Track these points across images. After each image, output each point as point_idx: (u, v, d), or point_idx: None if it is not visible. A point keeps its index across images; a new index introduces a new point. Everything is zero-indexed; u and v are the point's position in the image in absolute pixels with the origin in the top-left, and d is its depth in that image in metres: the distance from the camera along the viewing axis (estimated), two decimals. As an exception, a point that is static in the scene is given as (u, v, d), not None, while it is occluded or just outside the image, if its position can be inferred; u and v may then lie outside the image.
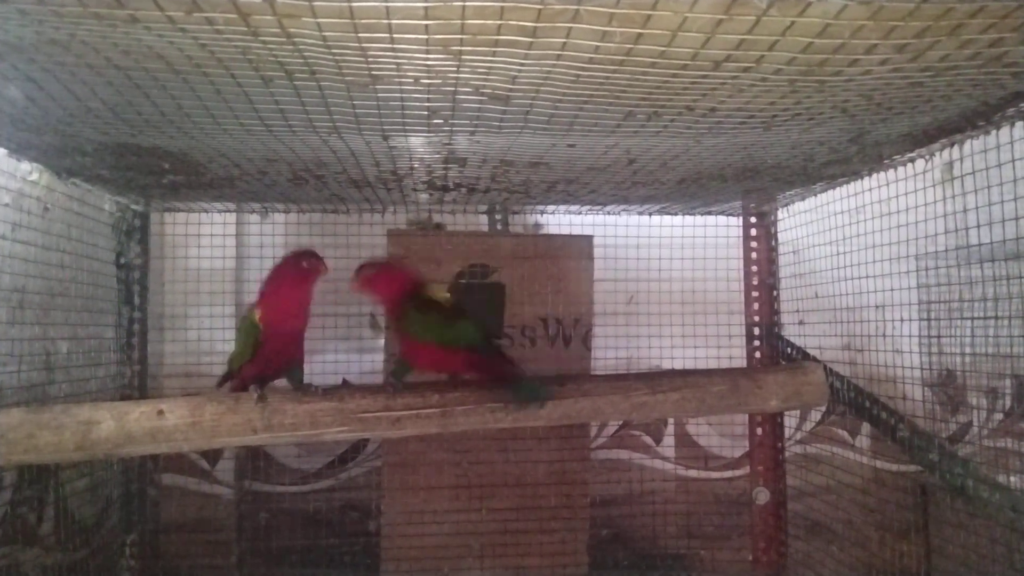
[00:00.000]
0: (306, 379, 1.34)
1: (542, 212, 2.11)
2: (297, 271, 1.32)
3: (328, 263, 1.34)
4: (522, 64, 0.92)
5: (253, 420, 1.29)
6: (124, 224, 1.89)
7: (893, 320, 1.68)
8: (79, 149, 1.33)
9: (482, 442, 1.94)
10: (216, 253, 2.01)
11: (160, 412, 1.28)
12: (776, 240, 2.11)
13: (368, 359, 2.02)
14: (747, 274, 2.13)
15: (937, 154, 1.43)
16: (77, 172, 1.55)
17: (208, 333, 1.98)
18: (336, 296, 1.87)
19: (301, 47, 0.87)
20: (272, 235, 2.00)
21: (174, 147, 1.32)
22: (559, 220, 2.12)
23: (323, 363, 2.03)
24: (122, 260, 1.89)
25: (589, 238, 2.05)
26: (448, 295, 1.44)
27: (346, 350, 2.04)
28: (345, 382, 2.03)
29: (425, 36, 0.84)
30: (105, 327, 1.83)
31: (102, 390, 1.77)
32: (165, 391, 1.97)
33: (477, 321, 1.37)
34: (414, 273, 1.43)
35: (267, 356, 1.31)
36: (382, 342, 1.99)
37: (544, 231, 2.17)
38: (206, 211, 1.98)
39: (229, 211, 2.00)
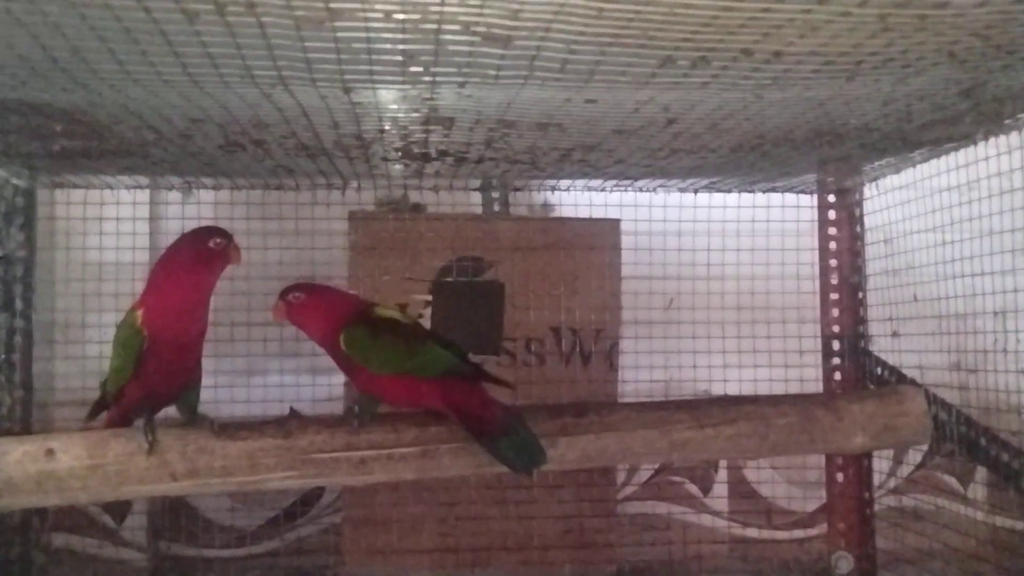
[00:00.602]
0: (218, 409, 1.36)
1: (553, 189, 2.12)
2: (198, 255, 1.32)
3: (242, 250, 1.35)
4: (527, -6, 0.92)
5: (172, 462, 1.29)
6: (2, 204, 1.90)
7: (1017, 331, 1.68)
8: (-58, 106, 1.34)
9: (474, 491, 1.95)
10: (124, 243, 2.01)
11: (49, 452, 1.28)
12: (862, 225, 2.11)
13: (323, 382, 2.03)
14: (824, 270, 2.12)
15: (1076, 112, 1.43)
16: (-60, 136, 1.55)
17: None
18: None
19: (235, -29, 0.87)
20: (197, 218, 1.99)
21: (69, 103, 1.32)
22: (576, 199, 2.12)
23: (264, 387, 2.04)
24: (0, 251, 1.90)
25: (615, 223, 2.06)
26: (403, 312, 1.48)
27: (294, 370, 2.05)
28: (293, 412, 2.03)
29: (399, -43, 0.84)
30: (-23, 340, 1.84)
31: (-27, 423, 1.78)
32: (57, 424, 1.98)
33: (451, 341, 1.41)
34: (353, 296, 1.49)
35: (154, 374, 1.31)
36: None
37: (556, 214, 2.18)
38: (111, 187, 1.99)
39: (141, 187, 2.00)
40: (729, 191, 2.11)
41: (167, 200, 2.06)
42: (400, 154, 1.69)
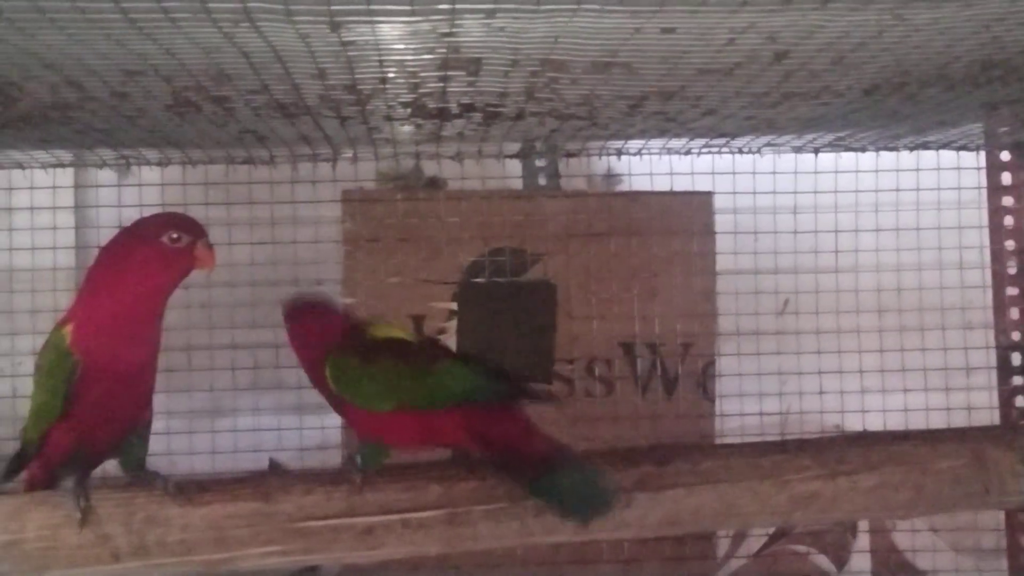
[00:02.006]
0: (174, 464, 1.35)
1: (619, 153, 2.10)
2: (152, 252, 1.33)
3: (218, 250, 1.36)
4: None
5: (113, 537, 1.29)
6: None
7: None
8: None
9: (521, 570, 1.95)
10: (42, 239, 2.03)
11: (-53, 525, 1.30)
12: (1051, 193, 2.10)
13: (313, 424, 2.04)
14: (997, 255, 2.11)
15: None
16: None
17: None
18: (256, 314, 1.89)
19: None
20: (139, 205, 2.01)
21: (-39, 55, 1.34)
22: (651, 166, 2.11)
23: (234, 432, 2.06)
24: None
25: (707, 197, 2.06)
26: (417, 327, 1.46)
27: (274, 408, 2.07)
28: (274, 466, 2.03)
29: None
30: None
31: None
32: (-42, 486, 2.01)
33: (479, 357, 1.43)
34: (342, 313, 1.54)
35: (89, 414, 1.32)
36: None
37: (624, 187, 2.18)
38: (21, 167, 2.01)
39: (62, 166, 2.01)
40: (863, 150, 2.10)
41: (98, 182, 2.07)
42: (409, 111, 1.70)
